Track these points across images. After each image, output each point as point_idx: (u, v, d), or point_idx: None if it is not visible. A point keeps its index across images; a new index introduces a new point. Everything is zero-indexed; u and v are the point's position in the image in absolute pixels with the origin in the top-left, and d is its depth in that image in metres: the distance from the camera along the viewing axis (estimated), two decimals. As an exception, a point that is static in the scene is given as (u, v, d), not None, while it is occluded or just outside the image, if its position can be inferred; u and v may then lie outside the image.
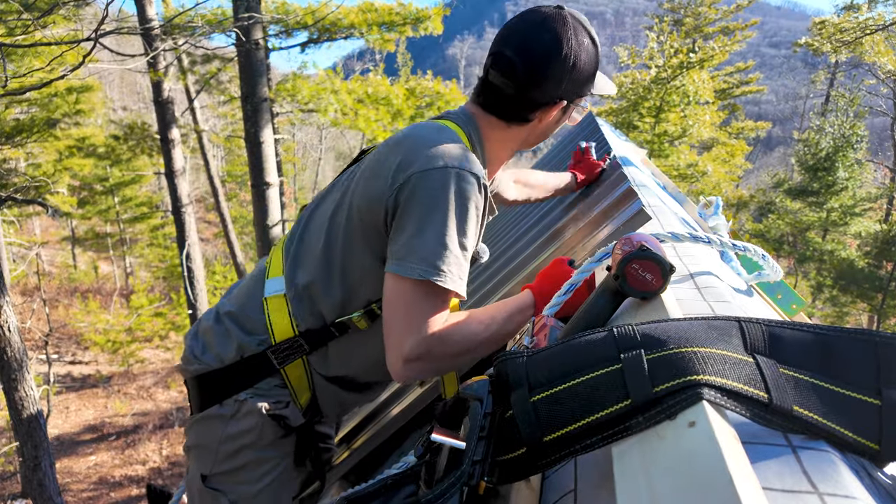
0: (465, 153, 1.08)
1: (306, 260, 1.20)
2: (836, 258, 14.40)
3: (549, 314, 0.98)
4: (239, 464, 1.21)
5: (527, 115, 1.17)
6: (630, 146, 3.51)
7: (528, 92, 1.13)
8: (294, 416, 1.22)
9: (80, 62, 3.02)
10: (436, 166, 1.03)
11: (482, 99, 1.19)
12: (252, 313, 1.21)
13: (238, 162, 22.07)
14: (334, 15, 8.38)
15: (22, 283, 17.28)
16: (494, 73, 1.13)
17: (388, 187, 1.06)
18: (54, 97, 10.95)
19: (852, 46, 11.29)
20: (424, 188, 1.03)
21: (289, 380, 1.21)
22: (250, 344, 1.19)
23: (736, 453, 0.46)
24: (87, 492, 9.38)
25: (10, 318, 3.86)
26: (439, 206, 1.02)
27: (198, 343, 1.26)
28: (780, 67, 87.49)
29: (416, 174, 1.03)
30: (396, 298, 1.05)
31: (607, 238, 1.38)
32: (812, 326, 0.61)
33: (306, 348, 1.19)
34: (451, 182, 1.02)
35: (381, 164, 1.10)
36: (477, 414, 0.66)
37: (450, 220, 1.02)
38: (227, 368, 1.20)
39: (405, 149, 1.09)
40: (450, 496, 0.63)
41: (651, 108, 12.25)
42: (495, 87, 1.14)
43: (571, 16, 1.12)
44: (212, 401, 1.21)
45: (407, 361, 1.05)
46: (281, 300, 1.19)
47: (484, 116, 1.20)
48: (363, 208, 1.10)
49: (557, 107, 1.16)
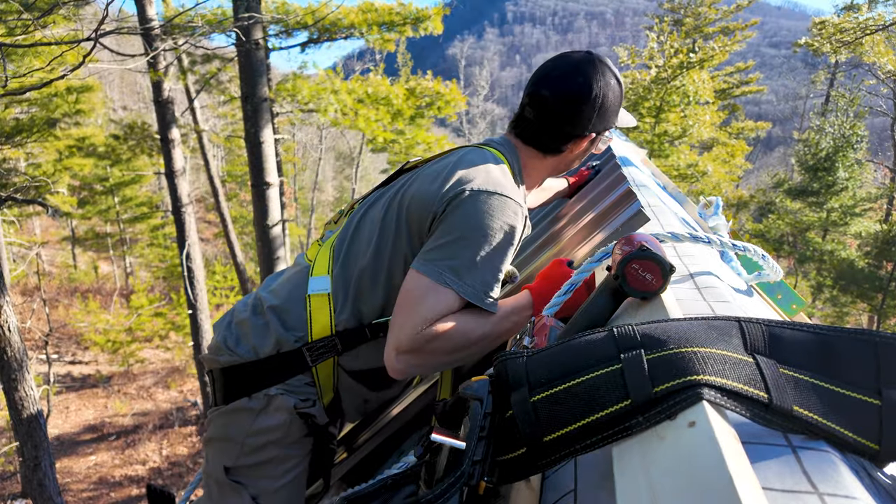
0: (512, 184, 1.18)
1: (355, 262, 1.24)
2: (837, 258, 14.40)
3: (549, 314, 0.98)
4: (264, 458, 1.22)
5: (560, 147, 1.30)
6: (630, 146, 3.51)
7: (562, 128, 1.26)
8: (320, 414, 1.25)
9: (80, 62, 3.02)
10: (487, 190, 1.13)
11: (520, 131, 1.32)
12: (295, 308, 1.24)
13: (238, 162, 22.08)
14: (334, 15, 8.38)
15: (22, 283, 17.29)
16: (531, 110, 1.27)
17: (442, 194, 1.14)
18: (54, 97, 10.95)
19: (852, 47, 11.29)
20: (472, 206, 1.11)
21: (318, 378, 1.24)
22: (288, 339, 1.21)
23: (736, 453, 0.46)
24: (87, 492, 9.38)
25: (10, 317, 3.86)
26: (481, 227, 1.10)
27: (231, 334, 1.28)
28: (780, 67, 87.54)
29: (471, 191, 1.12)
30: (411, 292, 1.11)
31: (607, 239, 1.38)
32: (812, 326, 0.61)
33: (339, 348, 1.22)
34: (497, 208, 1.12)
35: (440, 174, 1.19)
36: (477, 414, 0.66)
37: (489, 241, 1.11)
38: (262, 362, 1.21)
39: (465, 167, 1.19)
40: (450, 496, 0.63)
41: (651, 108, 12.25)
42: (532, 122, 1.28)
43: (599, 60, 1.26)
44: (240, 393, 1.22)
45: (400, 353, 1.09)
46: (324, 299, 1.23)
47: (523, 147, 1.32)
48: (413, 211, 1.18)
49: (587, 139, 1.29)
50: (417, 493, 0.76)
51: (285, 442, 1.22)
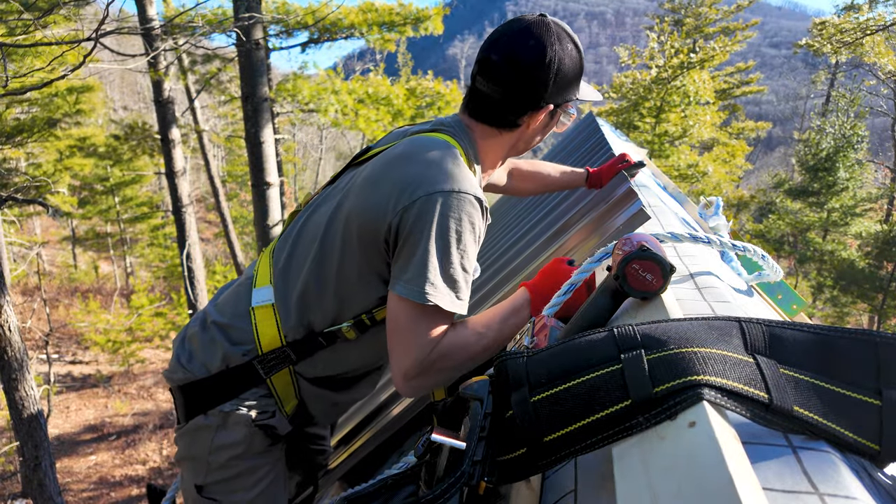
0: (467, 175, 1.09)
1: (298, 270, 1.18)
2: (837, 258, 14.40)
3: (549, 314, 0.98)
4: (231, 473, 1.20)
5: (515, 120, 1.18)
6: (630, 146, 3.51)
7: (515, 97, 1.14)
8: (281, 424, 1.21)
9: (80, 62, 3.02)
10: (442, 189, 1.04)
11: (472, 107, 1.20)
12: (238, 323, 1.19)
13: (238, 162, 22.08)
14: (335, 15, 8.38)
15: (22, 283, 17.29)
16: (481, 79, 1.15)
17: (392, 206, 1.06)
18: (55, 97, 10.96)
19: (853, 47, 11.28)
20: (431, 212, 1.04)
21: (275, 389, 1.19)
22: (235, 354, 1.17)
23: (736, 453, 0.46)
24: (87, 492, 9.38)
25: (11, 317, 3.86)
26: (445, 231, 1.04)
27: (184, 350, 1.24)
28: (780, 68, 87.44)
29: (423, 198, 1.04)
30: (400, 319, 1.07)
31: (607, 238, 1.38)
32: (812, 327, 0.61)
33: (293, 358, 1.18)
34: (456, 207, 1.04)
35: (383, 179, 1.10)
36: (477, 414, 0.66)
37: (454, 244, 1.05)
38: (212, 378, 1.18)
39: (409, 166, 1.09)
40: (450, 496, 0.63)
41: (652, 108, 12.25)
42: (484, 94, 1.16)
43: (555, 23, 1.15)
44: (197, 410, 1.19)
45: (408, 379, 1.07)
46: (268, 310, 1.18)
47: (476, 125, 1.21)
48: (362, 222, 1.10)
49: (544, 111, 1.17)
50: (417, 492, 0.76)
51: (249, 454, 1.20)
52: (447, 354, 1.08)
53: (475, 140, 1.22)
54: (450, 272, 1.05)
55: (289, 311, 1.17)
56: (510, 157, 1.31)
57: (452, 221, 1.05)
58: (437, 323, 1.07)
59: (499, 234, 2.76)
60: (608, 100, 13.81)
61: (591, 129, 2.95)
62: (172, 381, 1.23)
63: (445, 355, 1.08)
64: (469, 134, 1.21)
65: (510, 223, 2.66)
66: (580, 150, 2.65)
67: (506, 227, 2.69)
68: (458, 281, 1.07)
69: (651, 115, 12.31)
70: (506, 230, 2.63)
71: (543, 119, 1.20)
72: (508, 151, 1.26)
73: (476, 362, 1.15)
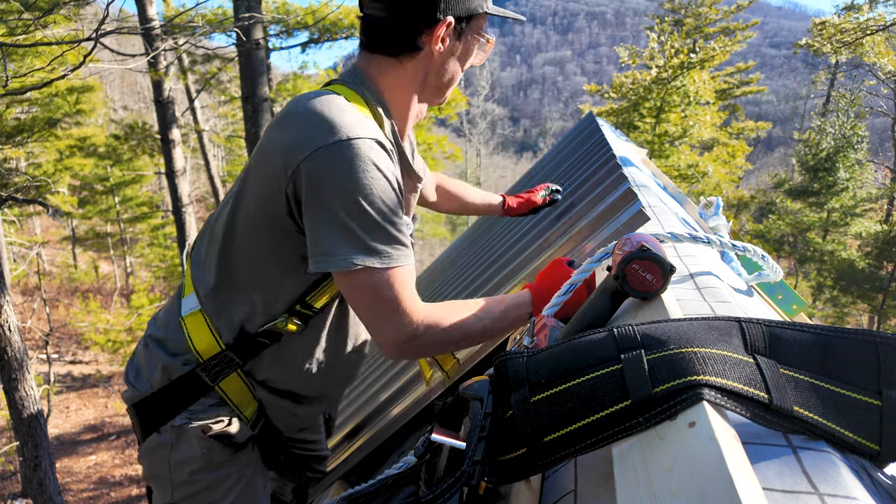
0: (356, 118, 0.97)
1: (209, 268, 1.13)
2: (837, 259, 14.41)
3: (549, 314, 0.98)
4: (197, 488, 1.16)
5: (412, 41, 1.03)
6: (630, 146, 3.51)
7: (404, 8, 1.01)
8: (240, 431, 1.16)
9: (80, 62, 3.02)
10: (328, 142, 0.92)
11: (364, 38, 1.07)
12: (172, 335, 1.15)
13: (238, 162, 22.09)
14: (335, 15, 8.38)
15: (22, 283, 17.29)
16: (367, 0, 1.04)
17: (283, 173, 0.95)
18: (55, 97, 10.96)
19: (853, 47, 11.28)
20: (324, 169, 0.92)
21: (227, 395, 1.15)
22: (175, 365, 1.13)
23: (736, 454, 0.46)
24: (87, 491, 9.38)
25: (11, 317, 3.86)
26: (348, 185, 0.92)
27: (132, 367, 1.21)
28: (780, 68, 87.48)
29: (310, 155, 0.92)
30: (354, 293, 1.00)
31: (607, 238, 1.38)
32: (812, 327, 0.61)
33: (238, 361, 1.13)
34: (349, 155, 0.92)
35: (270, 148, 1.00)
36: (477, 414, 0.66)
37: (365, 195, 0.93)
38: (158, 393, 1.14)
39: (291, 126, 0.98)
40: (450, 496, 0.63)
41: (652, 108, 12.25)
42: (372, 18, 1.04)
43: None
44: (151, 429, 1.16)
45: (396, 345, 1.03)
46: (198, 317, 1.13)
47: (372, 61, 1.07)
48: (259, 200, 1.01)
49: (443, 25, 1.02)
50: (418, 493, 0.76)
51: (211, 466, 1.15)
52: (437, 328, 1.03)
53: (375, 81, 1.07)
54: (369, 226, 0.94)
55: (215, 313, 1.12)
56: (426, 100, 1.14)
57: (349, 173, 0.92)
58: (390, 284, 0.98)
59: (499, 234, 2.76)
60: (608, 100, 13.82)
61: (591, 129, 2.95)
62: (126, 400, 1.20)
63: (434, 329, 1.02)
64: (366, 78, 1.07)
65: (510, 223, 2.66)
66: (580, 151, 2.65)
67: (506, 228, 2.70)
68: (383, 231, 0.96)
69: (651, 116, 12.31)
70: (506, 230, 2.63)
71: (449, 40, 1.04)
72: (420, 89, 1.10)
73: (466, 344, 1.11)
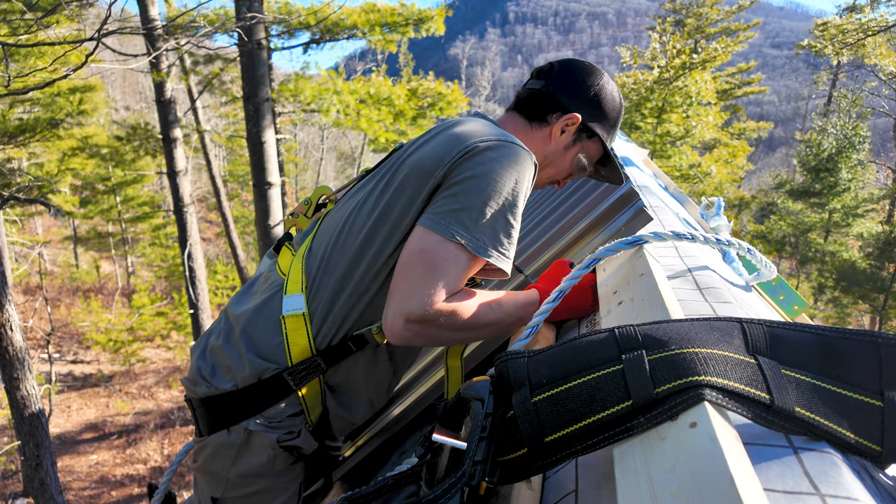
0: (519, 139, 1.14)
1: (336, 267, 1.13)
2: (838, 259, 14.40)
3: (539, 320, 0.97)
4: (250, 491, 1.18)
5: (545, 114, 1.24)
6: (632, 146, 3.51)
7: (555, 88, 1.24)
8: (307, 443, 1.17)
9: (82, 62, 3.03)
10: (499, 140, 1.06)
11: (514, 102, 1.30)
12: (267, 335, 1.14)
13: (240, 162, 22.13)
14: (337, 15, 8.39)
15: (24, 282, 17.33)
16: (532, 80, 1.29)
17: (445, 155, 1.05)
18: (57, 97, 10.99)
19: (854, 48, 11.27)
20: (482, 155, 1.03)
21: (304, 400, 1.15)
22: (268, 368, 1.12)
23: (737, 454, 0.46)
24: (88, 490, 9.40)
25: (13, 316, 3.86)
26: (491, 174, 1.01)
27: (206, 363, 1.19)
28: (782, 68, 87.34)
29: (478, 145, 1.04)
30: (421, 252, 1.00)
31: (608, 239, 1.38)
32: (814, 328, 0.61)
33: (323, 367, 1.14)
34: (508, 155, 1.04)
35: (440, 140, 1.10)
36: (478, 414, 0.66)
37: (499, 190, 1.01)
38: (239, 392, 1.13)
39: (466, 127, 1.12)
40: (451, 496, 0.63)
41: (653, 108, 12.25)
42: (528, 89, 1.27)
43: (608, 75, 1.29)
44: (220, 425, 1.16)
45: (408, 321, 1.01)
46: (299, 319, 1.12)
47: (510, 118, 1.28)
48: (411, 175, 1.08)
49: (570, 119, 1.22)
50: (418, 493, 0.76)
51: (271, 473, 1.17)
52: (453, 314, 1.01)
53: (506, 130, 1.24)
54: (486, 217, 0.99)
55: (324, 314, 1.13)
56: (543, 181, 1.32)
57: (500, 167, 1.02)
58: (456, 267, 0.99)
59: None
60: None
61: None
62: (193, 392, 1.19)
63: (450, 315, 1.01)
64: (503, 127, 1.25)
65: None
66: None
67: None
68: (496, 230, 1.00)
69: (653, 116, 12.30)
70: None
71: (567, 133, 1.24)
72: (538, 157, 1.25)
73: (475, 335, 1.11)
